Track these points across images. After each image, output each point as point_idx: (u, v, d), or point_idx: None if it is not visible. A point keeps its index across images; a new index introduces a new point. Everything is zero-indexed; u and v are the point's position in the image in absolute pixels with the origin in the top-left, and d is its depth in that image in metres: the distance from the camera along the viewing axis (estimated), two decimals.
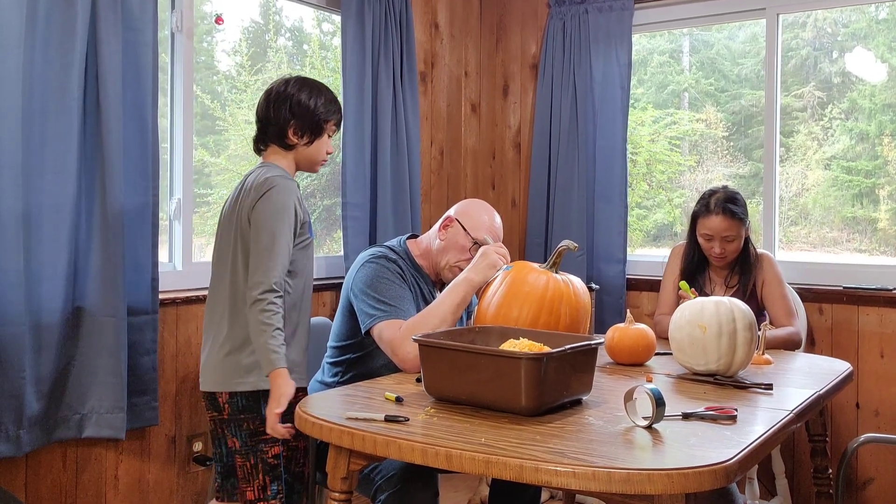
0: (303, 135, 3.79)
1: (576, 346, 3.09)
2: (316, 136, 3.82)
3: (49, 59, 4.01)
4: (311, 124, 3.79)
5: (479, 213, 4.28)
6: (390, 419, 2.92)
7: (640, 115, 6.76)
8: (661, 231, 6.82)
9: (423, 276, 4.24)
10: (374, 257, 4.09)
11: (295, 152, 3.83)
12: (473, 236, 4.16)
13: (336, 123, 3.89)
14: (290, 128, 3.78)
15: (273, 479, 3.68)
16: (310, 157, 3.87)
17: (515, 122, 6.97)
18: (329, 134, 3.87)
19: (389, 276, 4.02)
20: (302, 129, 3.79)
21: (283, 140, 3.81)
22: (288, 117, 3.77)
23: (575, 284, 3.87)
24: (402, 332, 3.80)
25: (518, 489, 4.23)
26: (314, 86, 3.85)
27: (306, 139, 3.81)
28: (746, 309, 3.68)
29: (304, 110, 3.77)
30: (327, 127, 3.84)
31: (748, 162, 6.46)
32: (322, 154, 3.88)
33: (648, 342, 3.98)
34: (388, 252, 4.15)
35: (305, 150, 3.83)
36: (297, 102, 3.78)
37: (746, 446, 2.65)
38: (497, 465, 2.53)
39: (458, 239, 4.17)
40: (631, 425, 2.86)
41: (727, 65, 6.71)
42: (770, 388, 3.49)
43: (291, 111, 3.77)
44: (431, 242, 4.26)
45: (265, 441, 3.66)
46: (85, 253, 4.17)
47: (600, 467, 2.42)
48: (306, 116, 3.78)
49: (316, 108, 3.79)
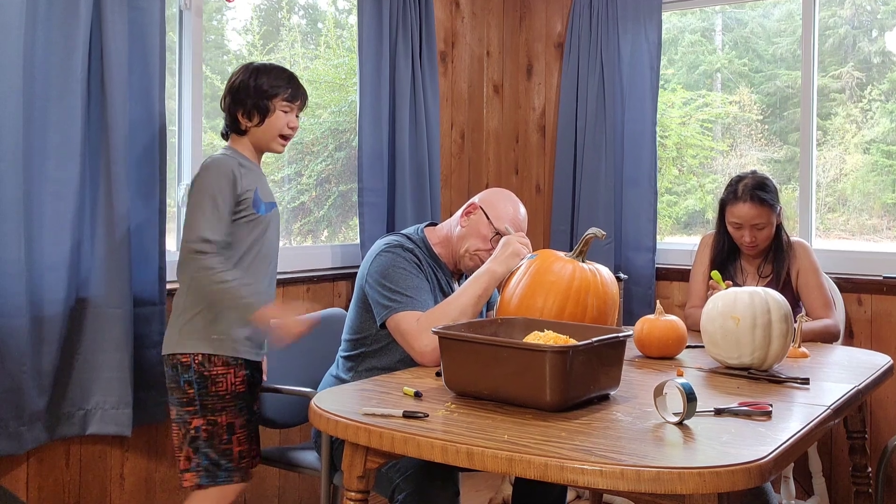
0: (251, 117, 4.01)
1: (603, 339, 3.08)
2: (264, 114, 4.01)
3: (51, 39, 4.01)
4: (256, 105, 4.00)
5: (504, 202, 4.27)
6: (409, 415, 2.91)
7: (670, 97, 6.74)
8: (692, 218, 6.81)
9: (440, 266, 4.24)
10: (389, 246, 4.08)
11: (250, 135, 4.06)
12: (496, 226, 4.15)
13: (287, 98, 4.04)
14: (238, 113, 4.01)
15: (195, 451, 3.88)
16: (264, 137, 4.06)
17: (540, 104, 6.96)
18: (282, 110, 4.03)
19: (406, 265, 4.01)
20: (249, 112, 4.01)
21: (237, 126, 4.05)
22: (234, 106, 4.02)
23: (602, 274, 3.86)
24: (419, 324, 3.79)
25: (543, 489, 4.23)
26: (258, 68, 4.06)
27: (256, 120, 4.02)
28: (782, 300, 3.66)
29: (245, 93, 4.00)
30: (275, 103, 4.01)
31: (783, 146, 6.44)
32: (277, 131, 4.05)
33: (679, 334, 3.97)
34: (405, 241, 4.15)
35: (258, 130, 4.04)
36: (238, 88, 4.01)
37: (782, 444, 2.64)
38: (520, 463, 2.52)
39: (480, 227, 4.17)
40: (661, 421, 2.85)
41: (762, 44, 6.69)
42: (806, 382, 3.48)
43: (235, 98, 4.01)
44: (452, 230, 4.25)
45: (188, 412, 3.88)
46: (89, 241, 4.17)
47: (629, 465, 2.41)
48: (249, 98, 4.00)
49: (259, 88, 3.99)
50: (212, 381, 3.88)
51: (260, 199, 4.00)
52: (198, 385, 3.86)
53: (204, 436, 3.86)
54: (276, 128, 4.03)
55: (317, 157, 5.89)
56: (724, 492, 2.42)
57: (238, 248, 3.94)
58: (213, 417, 3.88)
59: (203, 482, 3.87)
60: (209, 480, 3.88)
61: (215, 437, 3.88)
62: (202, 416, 3.87)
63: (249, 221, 3.96)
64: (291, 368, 4.45)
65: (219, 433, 3.89)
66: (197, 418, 3.86)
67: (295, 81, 4.09)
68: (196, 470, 3.87)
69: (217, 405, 3.89)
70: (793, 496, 5.13)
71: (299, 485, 5.35)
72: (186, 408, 3.87)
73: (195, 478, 3.88)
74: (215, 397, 3.89)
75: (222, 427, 3.90)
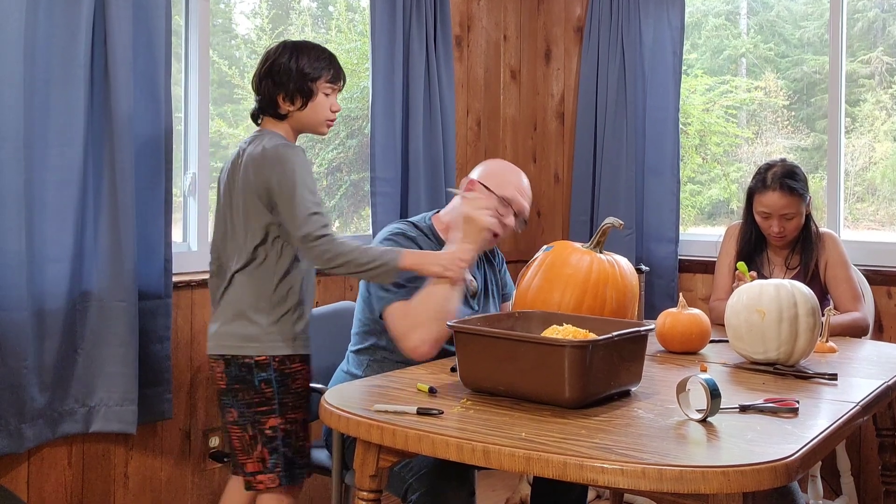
0: (293, 101, 3.87)
1: (624, 333, 3.06)
2: (307, 98, 3.87)
3: (53, 22, 4.00)
4: (299, 88, 3.85)
5: (504, 172, 4.31)
6: (423, 412, 2.88)
7: (693, 83, 6.72)
8: (717, 208, 6.79)
9: None
10: (391, 234, 4.09)
11: (291, 119, 3.91)
12: (499, 194, 4.15)
13: (330, 80, 3.92)
14: (278, 97, 3.86)
15: (271, 452, 3.78)
16: (308, 121, 3.94)
17: (559, 91, 6.93)
18: (325, 93, 3.91)
19: None
20: (291, 96, 3.86)
21: (276, 110, 3.89)
22: (274, 89, 3.86)
23: (621, 265, 3.85)
24: (407, 321, 3.83)
25: (562, 488, 4.21)
26: (297, 47, 3.91)
27: (298, 104, 3.87)
28: (809, 293, 3.64)
29: (288, 76, 3.84)
30: (318, 86, 3.88)
31: (811, 133, 6.42)
32: (322, 115, 3.94)
33: (703, 329, 3.94)
34: (409, 229, 4.15)
35: (300, 114, 3.90)
36: (279, 70, 3.85)
37: (809, 441, 2.61)
38: (538, 461, 2.50)
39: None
40: (684, 419, 2.83)
41: (788, 28, 6.67)
42: (834, 378, 3.45)
43: (275, 81, 3.85)
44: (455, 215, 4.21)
45: (262, 412, 3.76)
46: (92, 233, 4.16)
47: (651, 464, 2.39)
48: (291, 82, 3.84)
49: (301, 70, 3.85)
50: (292, 378, 3.83)
51: None
52: (277, 384, 3.78)
53: (282, 435, 3.80)
54: (321, 112, 3.91)
55: (328, 145, 5.88)
56: (749, 491, 2.39)
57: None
58: (293, 415, 3.83)
59: (284, 482, 3.82)
60: (289, 480, 3.83)
61: (293, 435, 3.84)
62: (281, 415, 3.79)
63: None
64: None
65: (296, 431, 3.85)
66: (274, 417, 3.78)
67: (335, 61, 3.98)
68: (274, 471, 3.80)
69: (296, 403, 3.85)
70: (820, 496, 5.11)
71: (310, 484, 5.31)
72: (260, 408, 3.77)
73: (275, 479, 3.80)
74: (294, 395, 3.84)
75: (299, 424, 3.87)
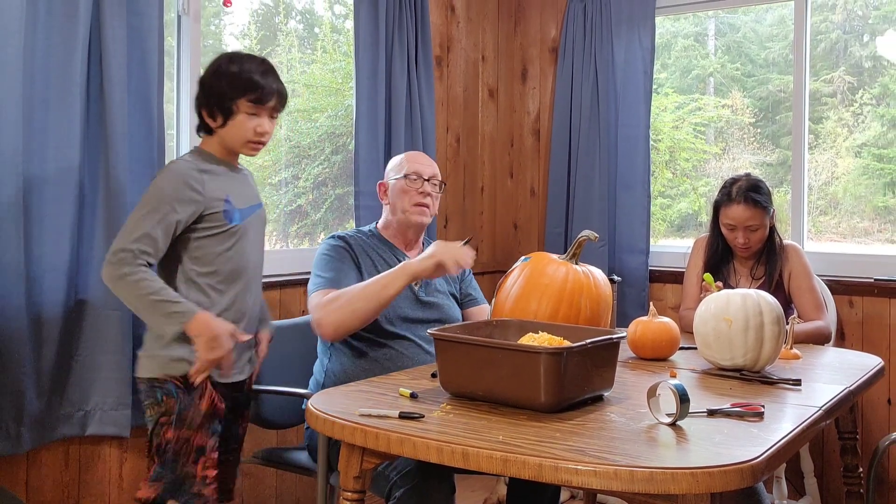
0: (214, 117, 3.66)
1: (597, 341, 3.08)
2: (227, 116, 3.64)
3: (51, 43, 4.00)
4: (217, 105, 3.64)
5: (397, 159, 4.60)
6: (405, 416, 2.91)
7: (663, 101, 6.75)
8: (686, 221, 6.82)
9: (393, 248, 4.44)
10: (328, 238, 4.37)
11: (217, 135, 3.71)
12: (404, 173, 4.44)
13: (254, 101, 3.64)
14: (203, 111, 3.69)
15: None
16: (231, 140, 3.70)
17: (534, 108, 6.97)
18: (248, 112, 3.65)
19: (332, 253, 4.26)
20: (211, 112, 3.66)
21: (204, 124, 3.71)
22: (199, 102, 3.70)
23: (596, 276, 3.87)
24: (325, 299, 4.04)
25: (537, 489, 4.23)
26: (230, 60, 3.69)
27: (219, 121, 3.66)
28: (774, 302, 3.66)
29: (208, 91, 3.66)
30: (238, 105, 3.63)
31: (776, 149, 6.45)
32: (244, 135, 3.67)
33: (672, 336, 3.97)
34: (347, 233, 4.41)
35: (223, 132, 3.68)
36: (203, 84, 3.69)
37: (774, 444, 2.64)
38: (515, 463, 2.52)
39: (396, 189, 4.43)
40: (654, 422, 2.85)
41: (754, 48, 6.70)
42: (798, 383, 3.47)
43: (201, 94, 3.69)
44: (387, 214, 4.51)
45: (160, 424, 3.59)
46: (88, 244, 4.16)
47: (622, 466, 2.41)
48: (210, 97, 3.65)
49: (220, 87, 3.63)
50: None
51: (233, 207, 3.69)
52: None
53: (172, 455, 3.59)
54: (241, 132, 3.66)
55: (314, 161, 5.89)
56: (716, 492, 2.41)
57: (206, 264, 3.64)
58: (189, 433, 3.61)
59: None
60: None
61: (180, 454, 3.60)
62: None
63: (219, 234, 3.65)
64: (287, 370, 4.45)
65: (186, 451, 3.60)
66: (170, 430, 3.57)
67: (268, 81, 3.68)
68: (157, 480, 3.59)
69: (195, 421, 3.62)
70: (785, 496, 5.13)
71: (296, 485, 5.34)
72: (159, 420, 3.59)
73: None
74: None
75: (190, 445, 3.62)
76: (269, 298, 4.93)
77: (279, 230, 5.74)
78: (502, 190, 7.06)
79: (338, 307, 3.98)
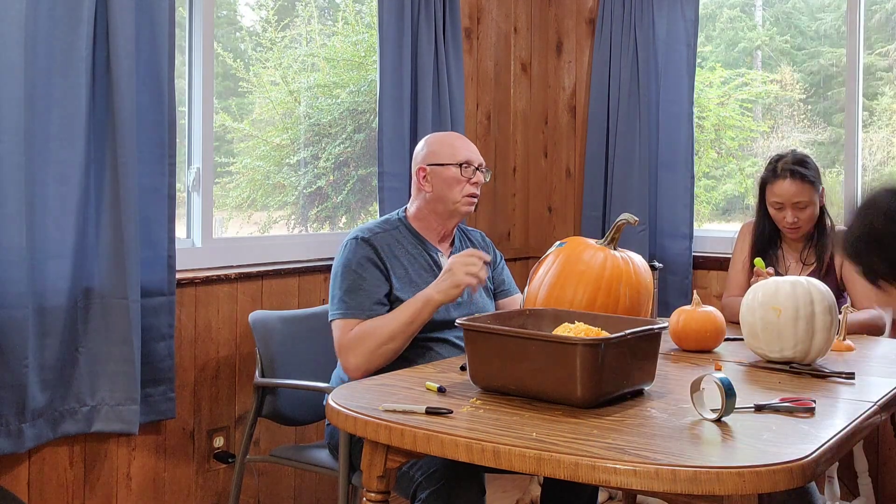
0: None
1: (637, 331, 3.08)
2: None
3: (54, 14, 4.00)
4: None
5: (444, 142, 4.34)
6: (432, 411, 2.90)
7: (707, 76, 6.72)
8: (732, 204, 6.80)
9: (424, 243, 4.27)
10: (349, 240, 4.15)
11: None
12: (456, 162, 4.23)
13: None
14: None
15: None
16: None
17: (570, 84, 6.94)
18: None
19: (354, 265, 4.06)
20: None
21: None
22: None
23: (635, 262, 3.85)
24: (349, 338, 3.93)
25: (573, 489, 4.21)
26: None
27: None
28: (826, 290, 3.65)
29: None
30: None
31: (828, 127, 6.42)
32: None
33: (717, 327, 3.95)
34: (374, 228, 4.20)
35: None
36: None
37: (826, 442, 2.63)
38: (550, 462, 2.52)
39: (446, 178, 4.21)
40: (698, 418, 2.84)
41: (804, 20, 6.67)
42: (852, 377, 3.46)
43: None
44: (420, 202, 4.29)
45: None
46: (94, 228, 4.17)
47: (664, 465, 2.41)
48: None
49: None
50: None
51: None
52: None
53: None
54: None
55: (334, 140, 5.89)
56: (764, 492, 2.41)
57: None
58: None
59: None
60: None
61: None
62: None
63: None
64: (306, 363, 4.45)
65: None
66: None
67: None
68: None
69: None
70: (837, 497, 5.12)
71: (316, 484, 5.35)
72: None
73: None
74: None
75: None
76: (287, 286, 4.93)
77: (298, 214, 5.74)
78: (536, 171, 7.04)
79: (366, 350, 3.89)
